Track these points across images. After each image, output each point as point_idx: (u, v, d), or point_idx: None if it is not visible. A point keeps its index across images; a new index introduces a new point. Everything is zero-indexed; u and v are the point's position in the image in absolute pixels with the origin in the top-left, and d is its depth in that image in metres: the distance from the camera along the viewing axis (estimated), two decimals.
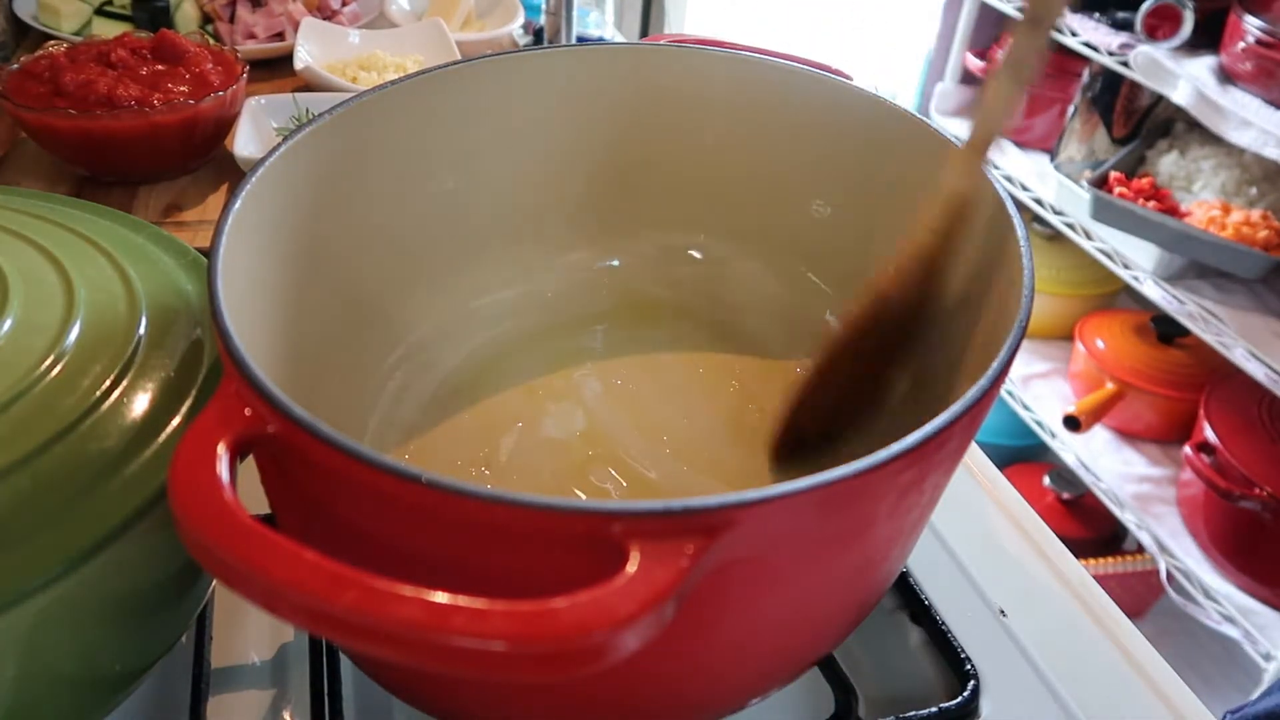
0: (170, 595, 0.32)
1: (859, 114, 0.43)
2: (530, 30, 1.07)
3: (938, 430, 0.25)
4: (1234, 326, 1.16)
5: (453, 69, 0.42)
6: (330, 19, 0.97)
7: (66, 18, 0.90)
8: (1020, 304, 0.30)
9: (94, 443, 0.29)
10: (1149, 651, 0.43)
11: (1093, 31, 1.31)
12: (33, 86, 0.68)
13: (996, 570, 0.46)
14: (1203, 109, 1.15)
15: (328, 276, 0.40)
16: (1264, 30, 1.10)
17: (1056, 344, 1.60)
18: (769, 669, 0.32)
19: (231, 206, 0.32)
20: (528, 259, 0.48)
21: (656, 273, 0.50)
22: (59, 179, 0.71)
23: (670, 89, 0.46)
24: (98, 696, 0.31)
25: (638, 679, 0.28)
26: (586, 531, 0.22)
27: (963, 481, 0.51)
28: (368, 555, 0.22)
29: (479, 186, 0.46)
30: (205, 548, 0.21)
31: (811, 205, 0.46)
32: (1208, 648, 1.35)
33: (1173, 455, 1.38)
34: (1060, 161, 1.42)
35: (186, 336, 0.34)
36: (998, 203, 0.35)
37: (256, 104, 0.75)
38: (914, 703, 0.39)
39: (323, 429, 0.23)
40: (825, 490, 0.24)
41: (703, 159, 0.48)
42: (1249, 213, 1.21)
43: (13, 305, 0.32)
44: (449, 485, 0.22)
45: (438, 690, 0.31)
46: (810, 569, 0.28)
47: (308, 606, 0.20)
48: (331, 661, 0.38)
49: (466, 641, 0.19)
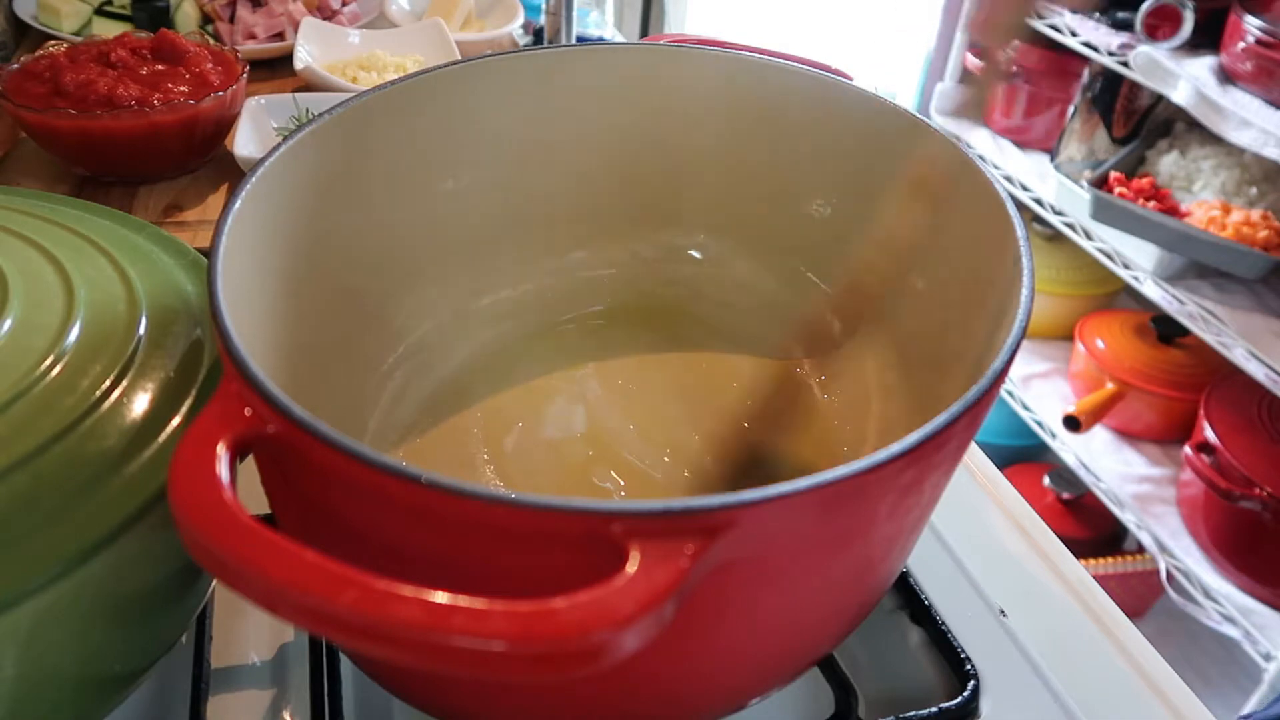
0: (170, 595, 0.32)
1: (859, 114, 0.43)
2: (530, 30, 1.07)
3: (938, 430, 0.25)
4: (1234, 326, 1.16)
5: (453, 69, 0.42)
6: (330, 19, 0.97)
7: (66, 18, 0.90)
8: (1020, 304, 0.30)
9: (94, 443, 0.29)
10: (1149, 651, 0.43)
11: (1093, 31, 1.31)
12: (33, 86, 0.68)
13: (996, 570, 0.46)
14: (1203, 109, 1.15)
15: (328, 276, 0.40)
16: (1264, 30, 1.10)
17: (1056, 344, 1.59)
18: (769, 669, 0.32)
19: (231, 206, 0.32)
20: (527, 259, 0.48)
21: (656, 273, 0.50)
22: (59, 179, 0.71)
23: (670, 89, 0.46)
24: (98, 696, 0.31)
25: (638, 679, 0.28)
26: (586, 531, 0.22)
27: (963, 481, 0.51)
28: (368, 555, 0.22)
29: (479, 186, 0.46)
30: (205, 548, 0.21)
31: (811, 205, 0.46)
32: (1208, 648, 1.35)
33: (1173, 455, 1.38)
34: (1060, 161, 1.42)
35: (186, 336, 0.34)
36: (998, 203, 0.35)
37: (256, 104, 0.75)
38: (914, 703, 0.39)
39: (323, 429, 0.23)
40: (825, 490, 0.24)
41: (702, 159, 0.48)
42: (1249, 213, 1.20)
43: (13, 305, 0.32)
44: (449, 485, 0.22)
45: (438, 690, 0.31)
46: (810, 569, 0.28)
47: (308, 606, 0.20)
48: (331, 661, 0.38)
49: (466, 641, 0.19)
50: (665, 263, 0.50)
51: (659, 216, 0.49)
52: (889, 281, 0.44)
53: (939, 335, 0.40)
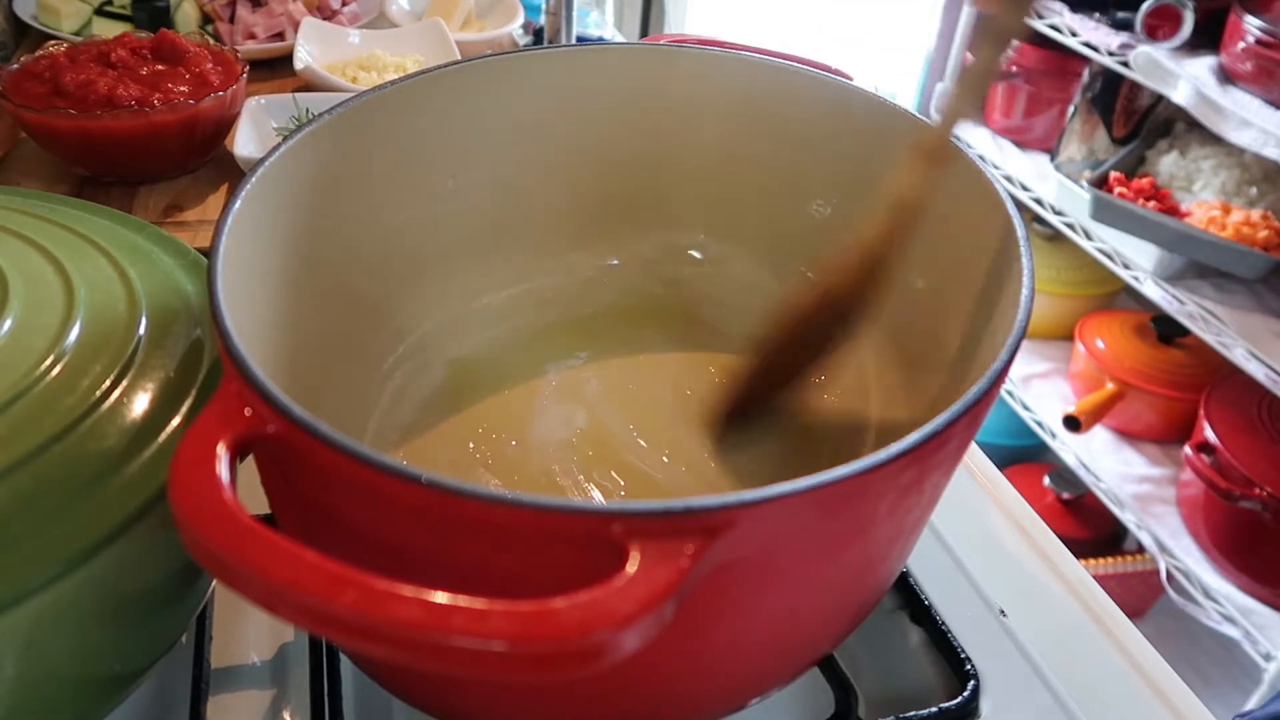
0: (170, 595, 0.32)
1: (859, 114, 0.43)
2: (530, 30, 1.07)
3: (938, 430, 0.25)
4: (1234, 326, 1.16)
5: (453, 69, 0.42)
6: (330, 19, 0.97)
7: (66, 18, 0.90)
8: (1020, 304, 0.30)
9: (94, 443, 0.29)
10: (1149, 651, 0.43)
11: (1093, 31, 1.31)
12: (33, 86, 0.68)
13: (996, 570, 0.46)
14: (1203, 109, 1.15)
15: (328, 276, 0.40)
16: (1264, 30, 1.10)
17: (1056, 344, 1.59)
18: (769, 669, 0.32)
19: (231, 206, 0.32)
20: (528, 259, 0.48)
21: (656, 273, 0.50)
22: (59, 179, 0.71)
23: (670, 89, 0.46)
24: (98, 696, 0.31)
25: (638, 679, 0.28)
26: (586, 531, 0.22)
27: (963, 481, 0.51)
28: (368, 555, 0.22)
29: (479, 186, 0.46)
30: (205, 548, 0.21)
31: (811, 205, 0.46)
32: (1208, 648, 1.35)
33: (1173, 455, 1.38)
34: (1060, 161, 1.42)
35: (186, 336, 0.34)
36: (998, 202, 0.35)
37: (256, 104, 0.75)
38: (914, 703, 0.39)
39: (323, 429, 0.23)
40: (825, 490, 0.24)
41: (703, 159, 0.48)
42: (1249, 213, 1.20)
43: (13, 305, 0.32)
44: (449, 485, 0.22)
45: (438, 690, 0.31)
46: (810, 569, 0.28)
47: (308, 606, 0.20)
48: (331, 661, 0.38)
49: (466, 641, 0.20)
50: (665, 263, 0.50)
51: (659, 216, 0.49)
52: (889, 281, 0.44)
53: (939, 335, 0.40)
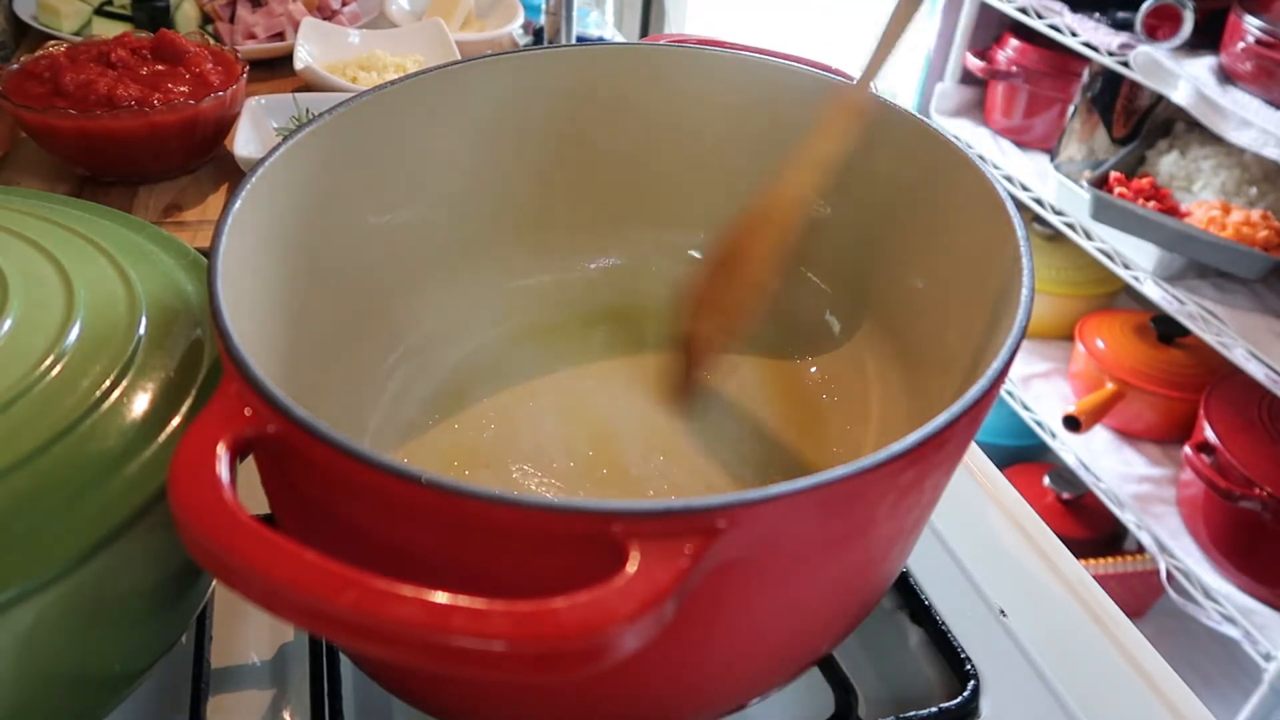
0: (170, 595, 0.32)
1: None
2: (530, 30, 1.07)
3: (938, 430, 0.25)
4: (1234, 326, 1.16)
5: (453, 69, 0.42)
6: (330, 19, 0.97)
7: (66, 18, 0.90)
8: (1020, 304, 0.30)
9: (94, 443, 0.29)
10: (1149, 651, 0.43)
11: (1093, 31, 1.31)
12: (33, 86, 0.68)
13: (996, 570, 0.46)
14: (1203, 109, 1.15)
15: (328, 276, 0.40)
16: (1264, 30, 1.10)
17: (1056, 344, 1.59)
18: (769, 669, 0.32)
19: (231, 206, 0.32)
20: (528, 259, 0.48)
21: (656, 273, 0.50)
22: (59, 179, 0.71)
23: (670, 89, 0.46)
24: (98, 696, 0.31)
25: (638, 679, 0.28)
26: (586, 531, 0.22)
27: (963, 481, 0.51)
28: (368, 555, 0.22)
29: (479, 186, 0.46)
30: (205, 548, 0.21)
31: (811, 205, 0.46)
32: (1208, 648, 1.35)
33: (1173, 455, 1.38)
34: (1060, 161, 1.42)
35: (186, 336, 0.34)
36: (997, 202, 0.35)
37: (256, 104, 0.75)
38: (914, 703, 0.39)
39: (323, 429, 0.23)
40: (825, 490, 0.24)
41: (703, 159, 0.48)
42: (1249, 213, 1.20)
43: (13, 305, 0.32)
44: (449, 485, 0.22)
45: (438, 690, 0.31)
46: (810, 569, 0.28)
47: (308, 606, 0.20)
48: (331, 661, 0.38)
49: (466, 641, 0.20)
50: (665, 263, 0.50)
51: (659, 216, 0.49)
52: (889, 281, 0.44)
53: (939, 335, 0.40)
